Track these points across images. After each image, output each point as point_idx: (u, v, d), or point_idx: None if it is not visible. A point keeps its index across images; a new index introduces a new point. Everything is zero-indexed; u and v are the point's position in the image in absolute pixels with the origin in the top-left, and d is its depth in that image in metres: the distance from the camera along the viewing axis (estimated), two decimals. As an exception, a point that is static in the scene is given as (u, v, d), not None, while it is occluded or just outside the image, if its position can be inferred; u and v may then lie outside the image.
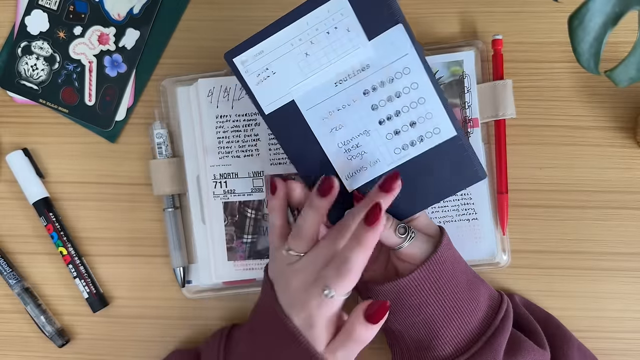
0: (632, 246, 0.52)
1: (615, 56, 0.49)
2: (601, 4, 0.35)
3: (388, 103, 0.43)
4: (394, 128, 0.44)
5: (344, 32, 0.42)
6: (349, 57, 0.42)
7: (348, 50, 0.42)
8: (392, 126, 0.44)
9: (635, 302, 0.52)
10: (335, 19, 0.41)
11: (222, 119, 0.51)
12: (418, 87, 0.43)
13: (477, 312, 0.44)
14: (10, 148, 0.54)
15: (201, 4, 0.54)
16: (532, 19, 0.52)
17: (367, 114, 0.44)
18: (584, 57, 0.37)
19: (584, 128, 0.52)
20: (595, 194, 0.52)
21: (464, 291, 0.44)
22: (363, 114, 0.44)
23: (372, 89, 0.43)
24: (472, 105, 0.50)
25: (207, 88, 0.50)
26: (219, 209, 0.51)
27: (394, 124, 0.44)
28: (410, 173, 0.44)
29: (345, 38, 0.42)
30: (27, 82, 0.54)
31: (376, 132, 0.44)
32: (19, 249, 0.55)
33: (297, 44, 0.42)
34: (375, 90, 0.43)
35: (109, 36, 0.53)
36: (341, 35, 0.42)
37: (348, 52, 0.42)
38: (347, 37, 0.42)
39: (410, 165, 0.44)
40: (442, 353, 0.44)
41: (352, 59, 0.42)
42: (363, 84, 0.43)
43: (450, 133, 0.44)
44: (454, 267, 0.45)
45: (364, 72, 0.43)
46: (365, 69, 0.43)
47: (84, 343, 0.55)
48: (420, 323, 0.44)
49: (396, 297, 0.44)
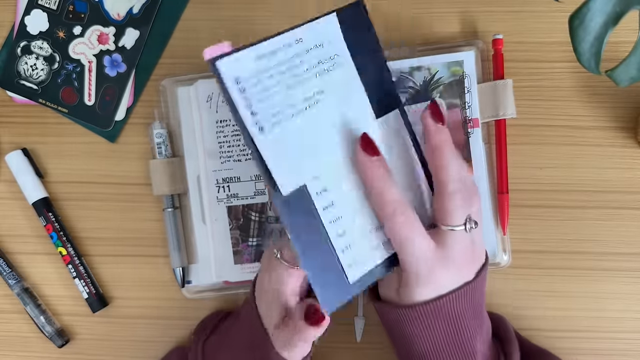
0: (632, 246, 0.52)
1: (616, 56, 0.49)
2: (602, 4, 0.35)
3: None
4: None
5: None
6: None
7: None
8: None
9: (636, 303, 0.52)
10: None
11: (222, 124, 0.51)
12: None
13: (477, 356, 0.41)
14: (10, 148, 0.54)
15: (201, 4, 0.54)
16: (532, 19, 0.52)
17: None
18: (584, 57, 0.36)
19: (584, 128, 0.52)
20: (596, 194, 0.52)
21: (471, 333, 0.41)
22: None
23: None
24: (472, 105, 0.50)
25: (207, 93, 0.50)
26: (223, 213, 0.51)
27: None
28: None
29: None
30: (26, 82, 0.54)
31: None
32: (19, 249, 0.55)
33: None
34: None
35: (108, 36, 0.53)
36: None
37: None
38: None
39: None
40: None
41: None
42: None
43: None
44: (471, 304, 0.41)
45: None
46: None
47: (83, 343, 0.55)
48: (417, 354, 0.41)
49: (389, 321, 0.42)
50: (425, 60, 0.50)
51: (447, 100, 0.50)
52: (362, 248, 0.40)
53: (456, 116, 0.50)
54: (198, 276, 0.53)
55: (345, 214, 0.39)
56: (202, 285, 0.53)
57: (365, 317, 0.53)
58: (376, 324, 0.53)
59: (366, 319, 0.53)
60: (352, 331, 0.53)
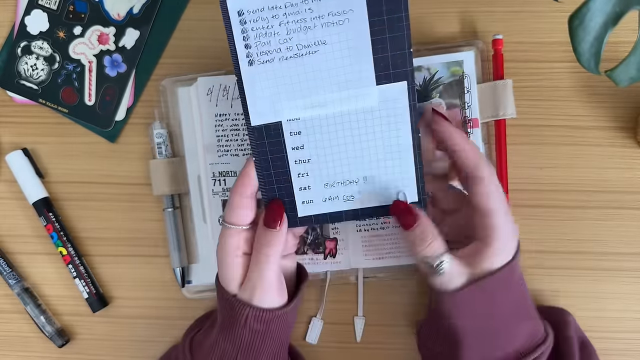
0: (632, 246, 0.52)
1: (616, 56, 0.49)
2: (601, 4, 0.35)
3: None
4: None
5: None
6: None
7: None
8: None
9: (636, 302, 0.52)
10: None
11: (221, 118, 0.51)
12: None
13: (511, 345, 0.42)
14: (10, 148, 0.54)
15: (201, 4, 0.54)
16: (532, 19, 0.52)
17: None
18: (584, 57, 0.37)
19: (584, 128, 0.52)
20: (596, 194, 0.52)
21: (507, 320, 0.42)
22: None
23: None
24: (472, 105, 0.50)
25: (207, 86, 0.50)
26: (218, 206, 0.51)
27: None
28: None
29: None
30: (26, 82, 0.54)
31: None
32: (19, 249, 0.55)
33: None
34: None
35: (108, 36, 0.53)
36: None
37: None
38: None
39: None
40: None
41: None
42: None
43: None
44: (508, 292, 0.43)
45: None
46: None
47: (83, 343, 0.55)
48: (451, 329, 0.43)
49: (439, 305, 0.43)
50: (425, 60, 0.50)
51: (447, 100, 0.50)
52: (319, 194, 0.43)
53: (456, 116, 0.50)
54: (198, 276, 0.53)
55: (313, 160, 0.43)
56: (202, 285, 0.53)
57: (365, 317, 0.53)
58: (376, 324, 0.53)
59: (366, 319, 0.53)
60: (352, 331, 0.53)
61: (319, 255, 0.52)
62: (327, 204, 0.44)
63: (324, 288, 0.53)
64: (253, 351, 0.43)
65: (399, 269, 0.52)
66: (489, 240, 0.41)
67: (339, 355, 0.53)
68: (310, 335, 0.53)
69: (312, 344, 0.53)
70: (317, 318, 0.53)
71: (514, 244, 0.43)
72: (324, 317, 0.53)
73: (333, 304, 0.53)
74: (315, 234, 0.51)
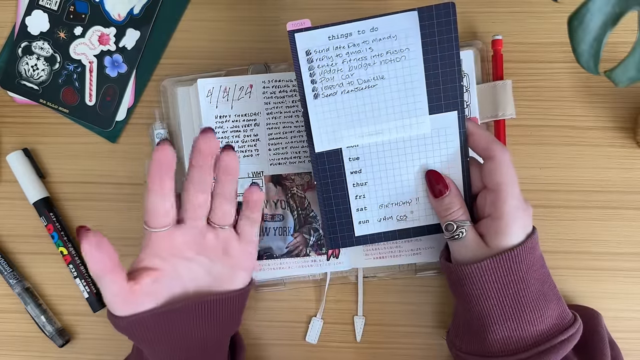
0: (632, 246, 0.52)
1: (615, 56, 0.49)
2: (601, 4, 0.35)
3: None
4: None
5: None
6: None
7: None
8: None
9: (635, 302, 0.52)
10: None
11: (222, 119, 0.51)
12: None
13: (538, 324, 0.43)
14: (11, 148, 0.54)
15: (201, 4, 0.54)
16: (532, 19, 0.52)
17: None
18: (583, 58, 0.36)
19: (583, 128, 0.52)
20: (595, 194, 0.52)
21: (531, 300, 0.43)
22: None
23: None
24: (472, 105, 0.50)
25: (206, 88, 0.50)
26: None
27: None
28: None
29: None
30: (27, 82, 0.54)
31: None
32: (20, 249, 0.55)
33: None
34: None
35: (109, 36, 0.53)
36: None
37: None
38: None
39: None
40: (489, 348, 0.44)
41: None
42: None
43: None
44: (528, 271, 0.43)
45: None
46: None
47: (84, 343, 0.55)
48: (475, 312, 0.44)
49: (457, 279, 0.44)
50: (425, 60, 0.50)
51: (447, 101, 0.50)
52: (374, 215, 0.47)
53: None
54: (198, 276, 0.53)
55: (369, 183, 0.47)
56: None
57: (365, 317, 0.53)
58: (376, 324, 0.53)
59: (366, 318, 0.53)
60: (352, 331, 0.53)
61: (322, 256, 0.52)
62: (382, 223, 0.48)
63: (324, 288, 0.53)
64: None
65: (399, 269, 0.52)
66: (497, 213, 0.43)
67: (339, 355, 0.53)
68: (310, 335, 0.53)
69: (312, 344, 0.53)
70: (317, 318, 0.53)
71: (525, 222, 0.44)
72: (324, 317, 0.53)
73: (333, 303, 0.53)
74: (318, 236, 0.51)
